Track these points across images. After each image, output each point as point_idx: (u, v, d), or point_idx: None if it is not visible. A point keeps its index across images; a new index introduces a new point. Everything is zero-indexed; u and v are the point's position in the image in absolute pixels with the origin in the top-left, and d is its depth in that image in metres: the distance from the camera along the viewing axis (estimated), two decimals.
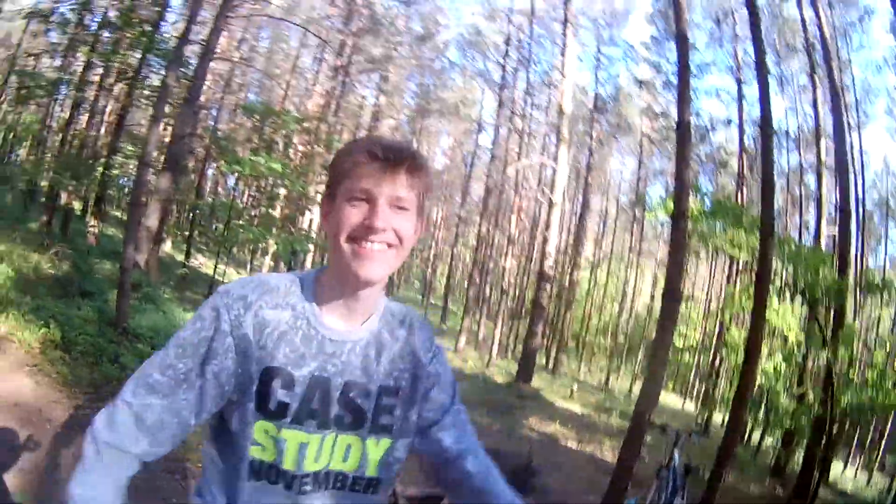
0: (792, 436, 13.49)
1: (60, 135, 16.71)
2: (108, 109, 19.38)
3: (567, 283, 27.72)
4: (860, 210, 18.73)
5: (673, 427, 8.02)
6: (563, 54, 20.74)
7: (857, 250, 17.80)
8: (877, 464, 19.61)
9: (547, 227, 19.49)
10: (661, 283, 32.15)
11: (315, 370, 1.39)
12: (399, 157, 1.34)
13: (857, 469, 19.93)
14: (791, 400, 12.64)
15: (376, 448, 1.49)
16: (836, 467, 17.26)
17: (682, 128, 8.00)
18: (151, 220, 11.89)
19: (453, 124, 37.84)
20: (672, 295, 7.78)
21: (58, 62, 18.35)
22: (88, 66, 14.87)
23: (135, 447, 1.32)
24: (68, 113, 16.57)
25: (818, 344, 11.84)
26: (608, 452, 11.56)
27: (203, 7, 11.78)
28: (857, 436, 20.32)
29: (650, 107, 27.50)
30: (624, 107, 29.81)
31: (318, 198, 17.74)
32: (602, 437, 12.78)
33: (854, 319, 14.28)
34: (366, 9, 23.57)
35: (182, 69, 11.11)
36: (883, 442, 20.29)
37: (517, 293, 32.48)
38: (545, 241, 19.30)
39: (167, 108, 15.85)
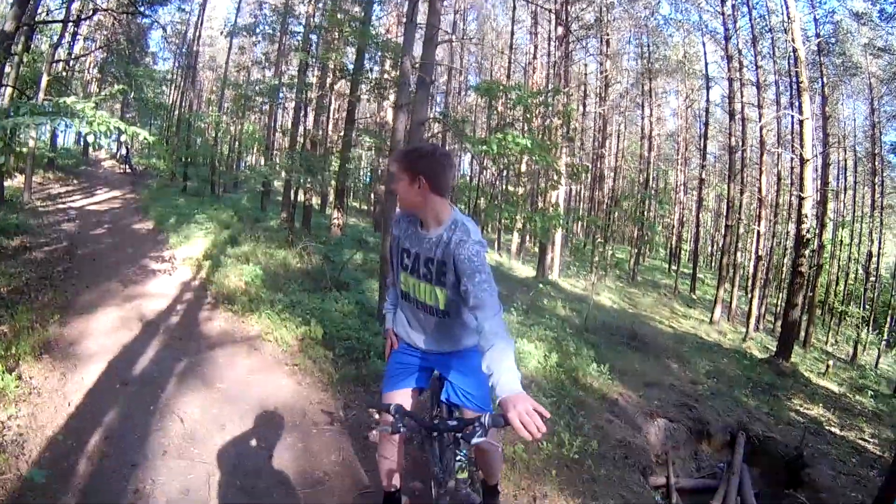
0: None
1: (288, 137, 17.38)
2: (332, 107, 19.97)
3: (816, 247, 25.06)
4: None
5: None
6: None
7: None
8: None
9: (801, 186, 17.47)
10: None
11: (417, 251, 3.05)
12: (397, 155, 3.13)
13: None
14: None
15: (441, 294, 3.01)
16: None
17: None
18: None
19: (681, 83, 36.25)
20: None
21: (270, 72, 19.27)
22: (304, 69, 15.30)
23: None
24: (292, 116, 17.07)
25: None
26: (869, 440, 10.48)
27: None
28: None
29: (871, 42, 24.82)
30: (846, 46, 26.55)
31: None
32: (860, 422, 11.55)
33: None
34: None
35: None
36: None
37: (769, 260, 30.05)
38: (801, 201, 17.34)
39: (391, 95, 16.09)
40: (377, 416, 3.77)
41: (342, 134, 18.01)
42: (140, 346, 5.86)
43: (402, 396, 3.19)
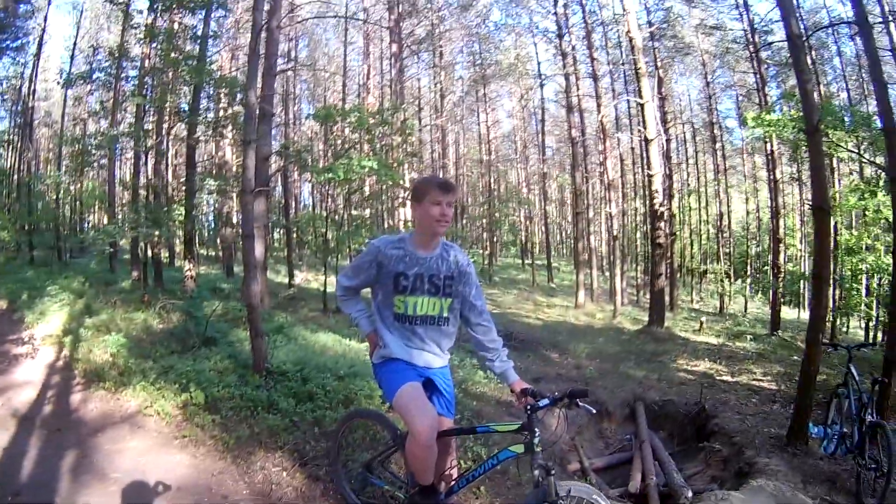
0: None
1: (130, 190, 16.54)
2: (170, 153, 19.29)
3: (667, 217, 26.54)
4: None
5: (843, 343, 7.95)
6: None
7: None
8: None
9: (648, 164, 18.41)
10: (753, 198, 31.24)
11: (418, 270, 3.61)
12: (449, 185, 3.60)
13: None
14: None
15: (445, 303, 3.72)
16: None
17: (793, 39, 7.79)
18: (258, 250, 11.53)
19: (514, 85, 37.48)
20: (822, 210, 7.74)
21: (105, 122, 18.33)
22: (141, 116, 14.79)
23: (355, 284, 3.85)
24: (132, 167, 16.32)
25: None
26: (762, 379, 11.27)
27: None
28: None
29: (702, 22, 26.53)
30: (677, 28, 28.63)
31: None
32: (749, 365, 12.32)
33: None
34: None
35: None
36: None
37: (623, 238, 31.51)
38: (650, 178, 18.29)
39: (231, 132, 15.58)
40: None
41: (183, 180, 17.31)
42: (20, 447, 5.39)
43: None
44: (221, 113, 14.63)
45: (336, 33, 33.25)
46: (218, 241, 21.98)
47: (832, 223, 19.43)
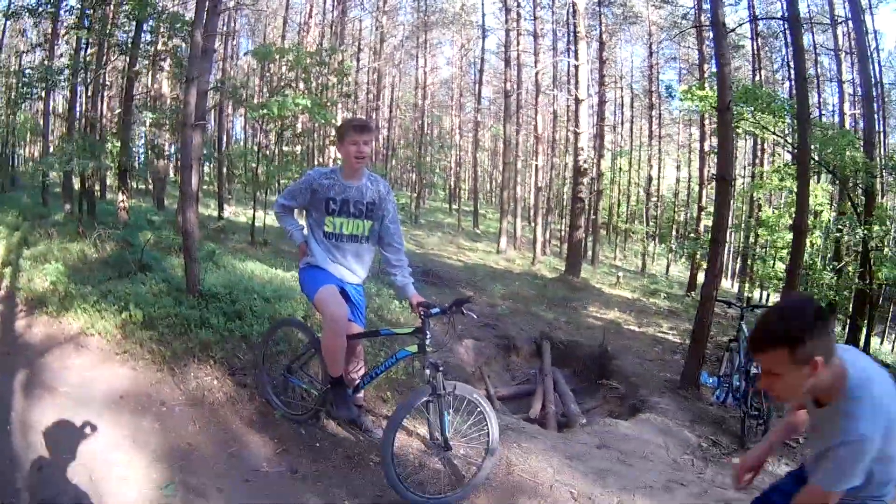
0: (834, 311, 14.01)
1: (66, 123, 16.33)
2: (106, 86, 19.01)
3: (595, 175, 27.41)
4: (879, 91, 18.65)
5: (737, 302, 9.16)
6: None
7: (878, 129, 17.98)
8: None
9: (577, 123, 19.27)
10: (686, 167, 32.42)
11: (344, 196, 4.45)
12: (363, 126, 4.41)
13: (893, 345, 20.80)
14: (832, 275, 13.78)
15: (367, 224, 4.57)
16: (873, 342, 17.77)
17: (718, 26, 8.57)
18: (193, 181, 11.79)
19: (456, 34, 37.64)
20: (724, 180, 8.81)
21: (41, 55, 17.88)
22: (80, 48, 14.49)
23: (292, 204, 4.70)
24: (68, 100, 16.13)
25: (852, 220, 12.86)
26: (670, 333, 12.14)
27: None
28: (890, 314, 20.71)
29: None
30: None
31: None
32: (658, 319, 13.25)
33: (883, 198, 14.45)
34: None
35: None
36: None
37: (549, 191, 32.28)
38: (577, 136, 19.08)
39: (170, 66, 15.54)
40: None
41: (118, 112, 17.21)
42: None
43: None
44: (161, 46, 14.56)
45: None
46: (148, 174, 21.75)
47: (755, 199, 20.81)
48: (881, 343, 19.46)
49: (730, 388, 8.00)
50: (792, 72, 13.19)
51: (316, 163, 23.15)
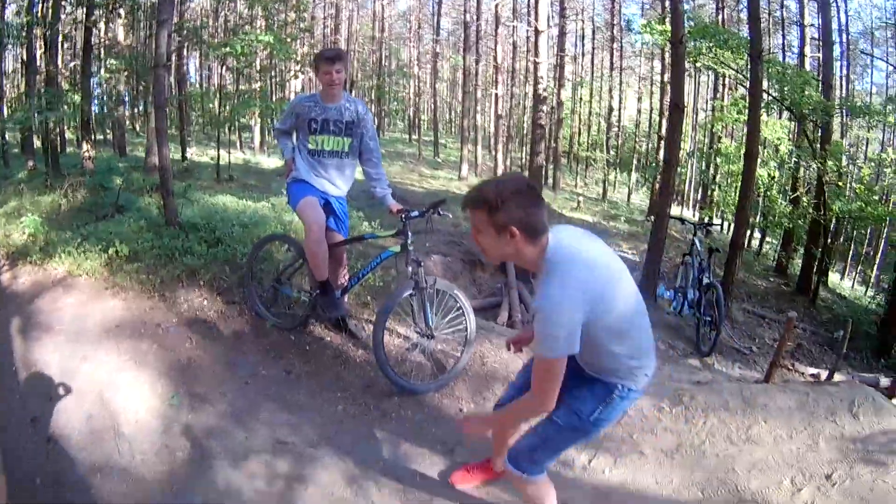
0: (790, 239, 14.96)
1: (23, 81, 16.00)
2: (67, 38, 18.70)
3: (555, 104, 27.62)
4: (845, 38, 18.94)
5: (689, 220, 9.54)
6: None
7: (841, 75, 18.24)
8: (872, 280, 20.43)
9: (536, 53, 19.52)
10: (647, 99, 32.68)
11: (324, 116, 4.86)
12: (332, 56, 4.75)
13: (853, 281, 21.52)
14: (787, 203, 14.32)
15: (346, 141, 4.97)
16: (835, 278, 18.52)
17: None
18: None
19: None
20: (677, 107, 9.62)
21: None
22: (31, 5, 14.04)
23: (283, 127, 5.16)
24: (25, 58, 15.75)
25: (807, 155, 13.39)
26: (628, 252, 12.76)
27: None
28: (851, 252, 21.46)
29: None
30: None
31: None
32: (618, 241, 13.80)
33: (842, 138, 14.93)
34: None
35: None
36: (877, 260, 21.20)
37: (510, 119, 32.40)
38: (536, 66, 19.25)
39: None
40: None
41: (73, 65, 17.03)
42: None
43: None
44: None
45: None
46: (108, 123, 21.49)
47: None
48: (841, 279, 20.15)
49: (685, 298, 8.63)
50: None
51: (275, 99, 23.04)
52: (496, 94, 27.06)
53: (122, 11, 15.07)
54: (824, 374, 7.43)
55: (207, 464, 3.87)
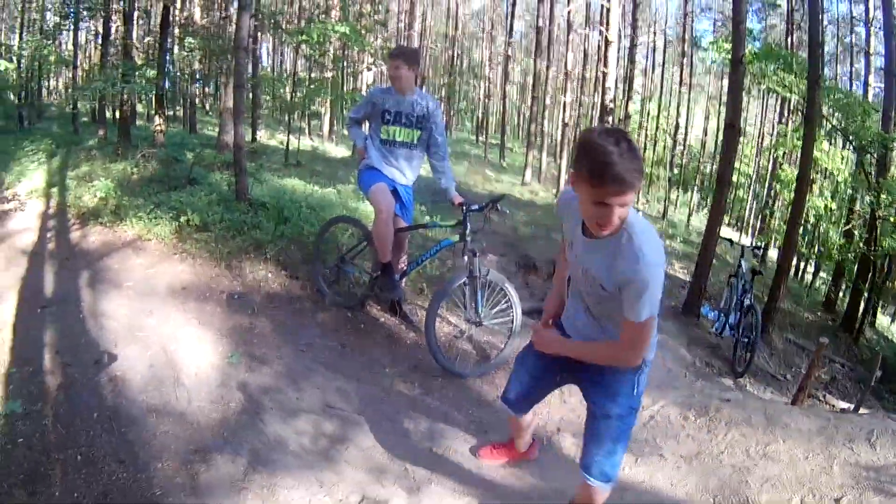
0: (841, 273, 14.53)
1: (97, 53, 16.41)
2: (146, 13, 19.24)
3: (622, 116, 27.43)
4: None
5: (737, 242, 9.52)
6: None
7: None
8: None
9: (605, 63, 19.28)
10: (714, 118, 32.14)
11: (398, 108, 5.16)
12: (396, 52, 5.19)
13: None
14: (839, 236, 14.02)
15: (416, 133, 5.27)
16: (885, 321, 17.98)
17: None
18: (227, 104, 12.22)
19: None
20: (732, 127, 9.37)
21: None
22: None
23: (357, 116, 5.45)
24: (102, 29, 16.28)
25: (864, 186, 13.00)
26: (680, 271, 12.66)
27: None
28: None
29: None
30: None
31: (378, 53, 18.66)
32: (672, 259, 13.56)
33: None
34: None
35: None
36: None
37: (576, 128, 32.27)
38: (604, 76, 19.12)
39: None
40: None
41: (148, 41, 17.57)
42: (37, 273, 6.15)
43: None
44: None
45: None
46: (179, 99, 22.11)
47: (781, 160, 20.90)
48: (892, 322, 19.45)
49: (727, 320, 8.62)
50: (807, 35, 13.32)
51: (345, 90, 23.44)
52: (564, 102, 27.00)
53: None
54: (849, 406, 7.51)
55: (259, 417, 4.13)
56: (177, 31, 17.79)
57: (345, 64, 22.48)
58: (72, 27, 17.89)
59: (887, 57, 13.82)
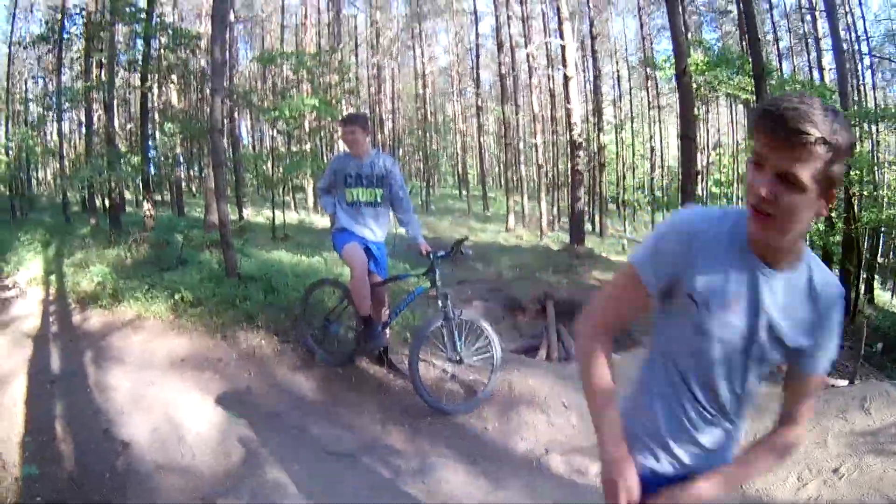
0: (829, 256, 14.43)
1: (81, 143, 16.80)
2: (125, 101, 19.67)
3: (596, 149, 28.02)
4: (863, 46, 19.12)
5: None
6: None
7: (861, 83, 18.29)
8: None
9: (567, 100, 19.98)
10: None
11: (357, 171, 5.61)
12: (346, 119, 5.69)
13: None
14: (818, 222, 13.65)
15: (378, 192, 5.68)
16: (885, 296, 18.29)
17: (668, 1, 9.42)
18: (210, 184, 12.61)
19: (450, 21, 38.44)
20: (688, 139, 9.96)
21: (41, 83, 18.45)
22: (87, 69, 15.18)
23: (325, 185, 5.88)
24: (84, 120, 16.80)
25: None
26: None
27: None
28: None
29: None
30: None
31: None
32: None
33: (873, 148, 14.87)
34: None
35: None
36: None
37: (551, 168, 32.76)
38: (569, 113, 19.82)
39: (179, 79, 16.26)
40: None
41: (129, 128, 18.11)
42: (43, 354, 6.44)
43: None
44: (174, 60, 15.12)
45: None
46: (165, 183, 22.50)
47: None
48: (893, 297, 19.38)
49: None
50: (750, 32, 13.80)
51: (325, 159, 24.06)
52: (536, 144, 27.54)
53: (174, 77, 15.98)
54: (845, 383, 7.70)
55: (259, 465, 4.48)
56: (156, 116, 18.30)
57: (322, 134, 23.03)
58: (55, 118, 18.42)
59: (832, 35, 14.41)
